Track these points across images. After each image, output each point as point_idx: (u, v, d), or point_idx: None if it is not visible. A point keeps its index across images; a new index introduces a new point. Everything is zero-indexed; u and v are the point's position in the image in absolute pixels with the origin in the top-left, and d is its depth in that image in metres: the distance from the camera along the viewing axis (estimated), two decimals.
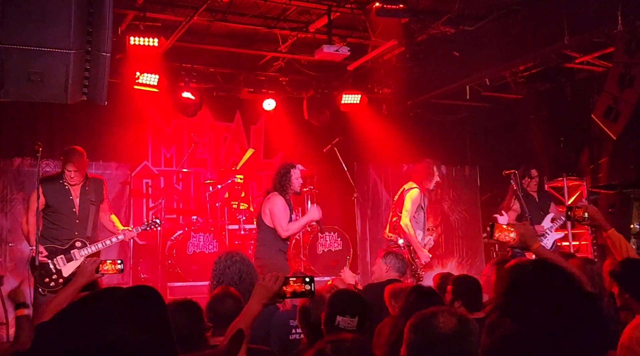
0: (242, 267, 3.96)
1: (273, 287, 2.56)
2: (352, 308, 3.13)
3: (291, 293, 2.58)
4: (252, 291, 2.63)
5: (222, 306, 3.22)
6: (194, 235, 8.16)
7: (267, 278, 2.61)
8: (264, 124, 10.46)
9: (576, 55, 8.55)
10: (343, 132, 9.72)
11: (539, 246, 3.05)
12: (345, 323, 3.07)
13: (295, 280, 2.59)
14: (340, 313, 3.10)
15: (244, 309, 2.60)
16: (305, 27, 7.85)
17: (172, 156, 9.86)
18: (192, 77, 8.98)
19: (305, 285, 2.58)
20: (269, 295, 2.57)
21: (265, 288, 2.58)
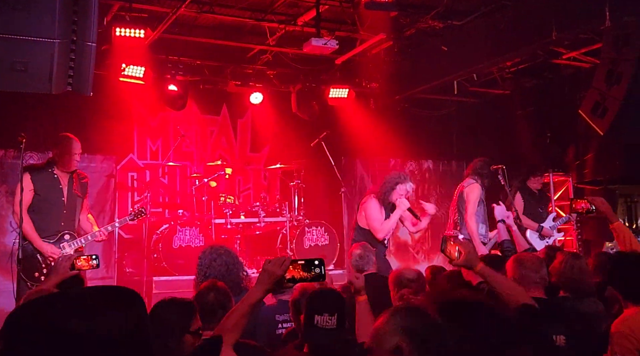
0: (228, 259, 3.93)
1: (277, 272, 2.40)
2: (329, 306, 3.00)
3: (298, 278, 2.42)
4: (257, 278, 2.50)
5: (204, 300, 3.18)
6: (179, 229, 8.10)
7: (272, 262, 2.45)
8: (251, 118, 10.40)
9: (563, 51, 8.58)
10: (331, 126, 9.69)
11: (481, 267, 3.08)
12: (324, 322, 2.96)
13: (303, 263, 2.42)
14: (318, 312, 2.97)
15: (245, 295, 2.49)
16: (293, 20, 7.80)
17: (158, 149, 9.77)
18: (178, 70, 8.91)
19: (314, 269, 2.41)
20: (273, 280, 2.41)
21: (268, 273, 2.42)
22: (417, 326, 2.06)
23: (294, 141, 9.92)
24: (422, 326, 2.05)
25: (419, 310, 2.13)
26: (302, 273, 2.42)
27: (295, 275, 2.41)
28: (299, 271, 2.41)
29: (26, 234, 5.53)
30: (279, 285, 2.44)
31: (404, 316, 2.10)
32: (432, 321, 2.09)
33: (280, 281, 2.41)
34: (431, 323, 2.08)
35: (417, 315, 2.11)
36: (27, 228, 5.53)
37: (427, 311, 2.13)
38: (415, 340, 2.02)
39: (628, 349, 3.13)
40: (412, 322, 2.07)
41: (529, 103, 10.03)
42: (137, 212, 6.20)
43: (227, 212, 8.54)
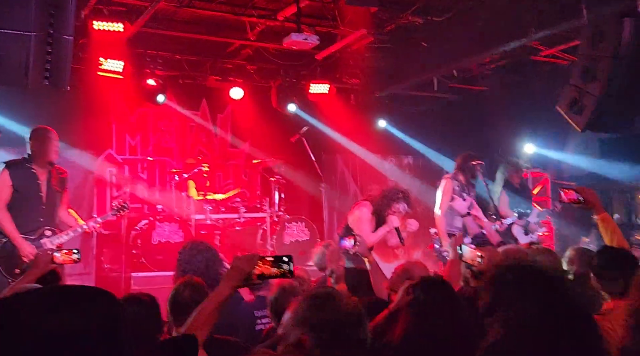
0: (208, 255, 3.90)
1: (245, 268, 2.39)
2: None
3: (268, 274, 2.41)
4: (225, 274, 2.50)
5: (179, 296, 3.15)
6: (159, 224, 8.05)
7: (240, 259, 2.45)
8: (231, 113, 10.36)
9: (542, 48, 8.66)
10: (313, 121, 9.69)
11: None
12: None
13: (272, 260, 2.41)
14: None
15: (212, 292, 2.48)
16: (273, 15, 7.76)
17: (137, 144, 9.69)
18: (157, 64, 8.84)
19: (283, 265, 2.40)
20: (242, 276, 2.40)
21: (237, 269, 2.42)
22: (321, 319, 1.97)
23: (274, 136, 9.90)
24: (326, 320, 1.96)
25: (327, 303, 2.03)
26: (271, 270, 2.41)
27: (264, 271, 2.41)
28: (268, 268, 2.41)
29: (5, 231, 5.45)
30: (247, 282, 2.44)
31: (308, 308, 2.01)
32: (341, 314, 1.98)
33: (248, 278, 2.41)
34: (338, 317, 1.97)
35: (324, 307, 2.01)
36: (5, 225, 5.45)
37: (341, 303, 2.01)
38: (318, 334, 1.94)
39: (611, 345, 3.17)
40: (316, 315, 1.98)
41: (508, 99, 10.11)
42: (119, 207, 6.12)
43: (206, 208, 8.50)
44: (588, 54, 6.08)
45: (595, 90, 6.01)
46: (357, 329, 1.98)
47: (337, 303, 2.01)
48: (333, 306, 2.00)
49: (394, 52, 9.01)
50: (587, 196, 3.94)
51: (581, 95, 6.12)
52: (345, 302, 2.04)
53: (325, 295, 2.09)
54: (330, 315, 1.98)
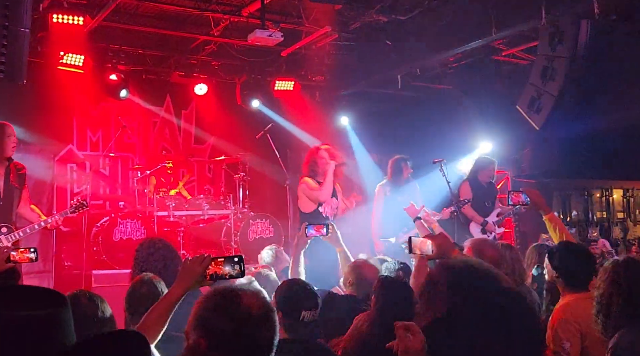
0: (166, 253, 3.84)
1: (197, 269, 2.42)
2: (314, 300, 3.08)
3: (219, 275, 2.45)
4: (177, 275, 2.51)
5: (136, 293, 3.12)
6: (120, 221, 7.94)
7: (191, 260, 2.47)
8: (196, 109, 10.28)
9: (503, 48, 8.81)
10: (277, 118, 9.68)
11: (457, 253, 3.16)
12: (310, 316, 3.01)
13: (224, 260, 2.45)
14: (306, 308, 3.03)
15: (166, 293, 2.49)
16: (238, 11, 7.71)
17: (99, 140, 9.55)
18: (119, 59, 8.72)
19: (234, 266, 2.45)
20: (193, 278, 2.43)
21: (188, 271, 2.44)
22: (219, 320, 1.82)
23: (239, 133, 9.86)
24: (224, 321, 1.82)
25: (226, 302, 1.86)
26: (224, 270, 2.45)
27: (216, 271, 2.44)
28: (220, 268, 2.44)
29: None
30: (199, 283, 2.46)
31: (205, 309, 1.87)
32: (242, 314, 1.82)
33: (200, 279, 2.44)
34: (239, 317, 1.82)
35: (222, 307, 1.85)
36: None
37: (242, 301, 1.83)
38: (215, 336, 1.81)
39: (572, 334, 3.28)
40: (213, 316, 1.84)
41: (470, 98, 10.26)
42: (78, 205, 6.01)
43: (170, 205, 8.42)
44: (547, 54, 6.22)
45: (554, 90, 6.15)
46: (260, 329, 1.82)
47: (237, 302, 1.84)
48: (233, 305, 1.84)
49: (358, 50, 9.05)
50: (533, 197, 4.05)
51: (540, 94, 6.26)
52: (248, 301, 1.85)
53: (224, 294, 1.90)
54: (229, 315, 1.82)
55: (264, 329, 1.83)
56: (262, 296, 1.91)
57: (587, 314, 3.24)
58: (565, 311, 3.37)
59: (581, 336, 3.28)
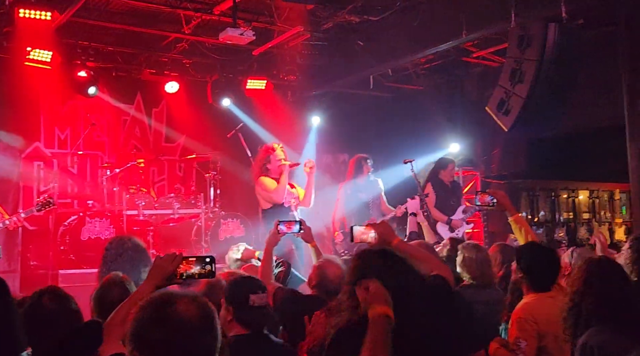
0: (134, 254, 3.78)
1: (168, 268, 2.43)
2: (260, 284, 3.13)
3: (190, 274, 2.46)
4: (148, 273, 2.50)
5: (107, 295, 3.06)
6: (89, 220, 7.83)
7: (163, 258, 2.48)
8: (167, 107, 10.19)
9: (473, 50, 8.91)
10: (249, 117, 9.64)
11: (398, 241, 3.23)
12: (260, 300, 3.03)
13: (195, 259, 2.47)
14: (253, 291, 3.05)
15: (134, 292, 2.47)
16: (209, 9, 7.66)
17: (67, 138, 9.40)
18: (89, 56, 8.59)
19: (205, 266, 2.47)
20: (164, 276, 2.43)
21: (159, 268, 2.44)
22: (151, 332, 1.69)
23: (210, 132, 9.80)
24: (157, 332, 1.68)
25: (159, 312, 1.72)
26: (194, 270, 2.46)
27: (187, 270, 2.45)
28: (191, 268, 2.45)
29: None
30: (169, 281, 2.46)
31: (137, 320, 1.73)
32: (175, 323, 1.68)
33: (171, 277, 2.44)
34: (172, 327, 1.68)
35: (154, 318, 1.70)
36: None
37: (177, 310, 1.70)
38: (148, 350, 1.68)
39: (529, 333, 3.32)
40: (145, 328, 1.70)
41: (441, 99, 10.36)
42: (45, 203, 5.89)
43: (139, 203, 8.33)
44: (516, 57, 6.31)
45: (522, 92, 6.24)
46: (196, 336, 1.70)
47: (170, 310, 1.70)
48: (166, 314, 1.70)
49: (330, 50, 9.08)
50: (499, 198, 4.11)
51: (509, 96, 6.34)
52: (184, 307, 1.71)
53: (158, 302, 1.75)
54: (161, 325, 1.69)
55: (201, 336, 1.71)
56: (200, 302, 1.78)
57: (547, 313, 3.31)
58: (525, 310, 3.42)
59: (539, 336, 3.33)
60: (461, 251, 4.31)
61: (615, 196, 12.07)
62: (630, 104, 6.13)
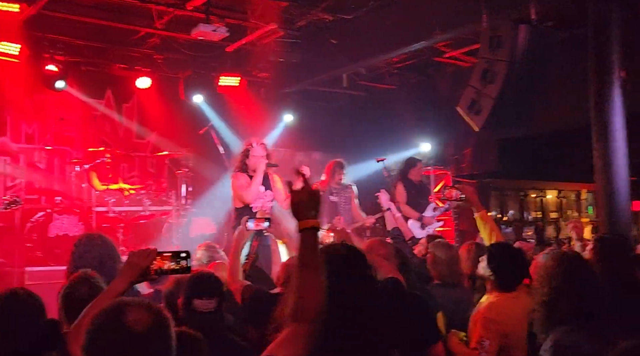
0: (103, 251, 3.71)
1: (141, 263, 2.36)
2: (208, 289, 3.05)
3: (164, 270, 2.40)
4: (121, 269, 2.44)
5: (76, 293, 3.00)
6: (57, 216, 7.72)
7: (137, 254, 2.41)
8: (138, 103, 10.07)
9: (446, 50, 8.99)
10: (221, 114, 9.58)
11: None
12: (204, 306, 2.99)
13: (170, 255, 2.41)
14: (197, 296, 3.00)
15: (107, 287, 2.39)
16: (182, 4, 7.58)
17: (35, 132, 9.23)
18: (57, 49, 8.44)
19: (180, 261, 2.41)
20: (137, 272, 2.37)
21: (132, 264, 2.38)
22: (103, 343, 1.64)
23: (182, 128, 9.71)
24: (106, 344, 1.63)
25: (108, 323, 1.67)
26: (169, 265, 2.40)
27: (162, 266, 2.39)
28: (166, 263, 2.39)
29: None
30: (144, 277, 2.41)
31: (87, 333, 1.68)
32: (124, 334, 1.63)
33: (145, 273, 2.38)
34: (120, 338, 1.63)
35: (102, 330, 1.66)
36: None
37: (125, 320, 1.65)
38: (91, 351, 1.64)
39: (493, 333, 3.34)
40: (93, 341, 1.65)
41: (413, 98, 10.43)
42: (11, 201, 5.72)
43: (109, 200, 8.22)
44: (487, 58, 6.37)
45: (493, 93, 6.31)
46: (147, 345, 1.63)
47: (121, 320, 1.65)
48: (116, 323, 1.65)
49: (304, 48, 9.06)
50: (467, 193, 4.15)
51: (479, 96, 6.40)
52: (135, 316, 1.66)
53: (109, 311, 1.71)
54: (111, 335, 1.64)
55: (152, 344, 1.65)
56: (154, 309, 1.73)
57: (512, 313, 3.33)
58: (490, 310, 3.43)
59: (502, 336, 3.34)
60: (432, 250, 4.35)
61: (581, 196, 12.29)
62: (596, 106, 6.24)
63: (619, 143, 6.14)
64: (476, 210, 4.17)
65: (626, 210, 6.19)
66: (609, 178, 6.13)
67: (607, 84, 6.18)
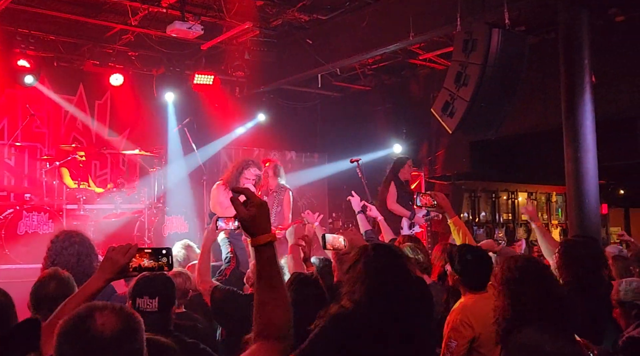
0: (81, 249, 3.66)
1: (120, 260, 2.27)
2: (150, 289, 2.99)
3: (145, 267, 2.32)
4: (99, 265, 2.34)
5: (43, 290, 2.95)
6: (26, 214, 7.58)
7: (116, 250, 2.30)
8: (110, 100, 9.95)
9: (420, 52, 9.06)
10: (195, 112, 9.52)
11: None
12: (145, 305, 2.94)
13: (150, 252, 2.33)
14: (139, 295, 2.96)
15: (84, 284, 2.30)
16: (157, 1, 7.53)
17: (4, 128, 9.07)
18: (29, 44, 8.30)
19: (162, 258, 2.33)
20: (115, 269, 2.27)
21: (111, 261, 2.28)
22: (68, 350, 1.59)
23: (155, 126, 9.63)
24: (72, 350, 1.59)
25: (76, 330, 1.62)
26: (149, 262, 2.33)
27: (141, 263, 2.32)
28: (146, 260, 2.32)
29: None
30: (122, 274, 2.33)
31: (58, 335, 1.63)
32: (93, 341, 1.58)
33: (123, 270, 2.31)
34: (88, 345, 1.58)
35: (73, 336, 1.61)
36: None
37: (92, 326, 1.60)
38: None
39: (461, 335, 3.34)
40: (64, 345, 1.60)
41: (388, 99, 10.50)
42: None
43: (80, 198, 8.11)
44: (460, 61, 6.44)
45: (466, 95, 6.37)
46: (115, 350, 1.60)
47: (88, 325, 1.61)
48: (83, 329, 1.61)
49: (279, 47, 9.07)
50: (439, 200, 4.18)
51: (453, 99, 6.47)
52: (103, 320, 1.62)
53: (77, 316, 1.66)
54: (77, 341, 1.60)
55: (119, 349, 1.61)
56: (124, 313, 1.68)
57: (482, 314, 3.30)
58: (460, 312, 3.44)
59: (472, 338, 3.34)
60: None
61: (552, 198, 12.48)
62: (567, 109, 6.36)
63: (589, 146, 6.26)
64: (449, 216, 4.20)
65: (596, 212, 6.31)
66: (579, 181, 6.25)
67: (577, 88, 6.31)
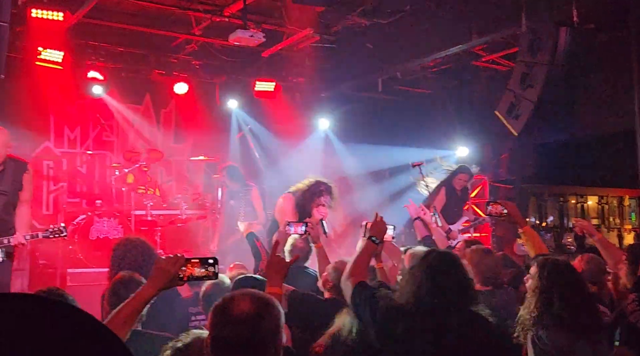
0: (143, 252, 3.80)
1: (170, 270, 2.39)
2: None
3: (193, 276, 2.43)
4: (150, 275, 2.46)
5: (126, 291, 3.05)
6: (97, 220, 7.86)
7: (165, 260, 2.43)
8: (175, 108, 10.21)
9: (483, 54, 8.89)
10: (257, 119, 9.64)
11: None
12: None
13: (198, 262, 2.44)
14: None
15: (137, 292, 2.40)
16: (220, 11, 7.69)
17: (77, 137, 9.44)
18: (99, 56, 8.62)
19: (209, 267, 2.44)
20: (166, 278, 2.39)
21: (162, 270, 2.40)
22: None
23: (219, 133, 9.81)
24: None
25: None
26: (197, 271, 2.44)
27: (192, 272, 2.43)
28: (194, 269, 2.43)
29: None
30: (172, 283, 2.44)
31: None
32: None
33: (173, 279, 2.41)
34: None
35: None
36: None
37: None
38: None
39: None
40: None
41: (449, 102, 10.33)
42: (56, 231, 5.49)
43: (147, 204, 8.35)
44: (526, 61, 6.29)
45: (533, 96, 6.22)
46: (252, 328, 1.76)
47: (230, 309, 1.81)
48: (225, 311, 1.81)
49: (339, 53, 9.08)
50: (509, 210, 4.09)
51: (519, 100, 6.32)
52: (239, 304, 1.83)
53: (223, 301, 1.90)
54: (224, 319, 1.78)
55: (254, 326, 1.76)
56: (260, 300, 1.91)
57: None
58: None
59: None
60: (471, 255, 4.28)
61: (624, 202, 12.00)
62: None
63: None
64: (520, 225, 4.10)
65: None
66: None
67: None
